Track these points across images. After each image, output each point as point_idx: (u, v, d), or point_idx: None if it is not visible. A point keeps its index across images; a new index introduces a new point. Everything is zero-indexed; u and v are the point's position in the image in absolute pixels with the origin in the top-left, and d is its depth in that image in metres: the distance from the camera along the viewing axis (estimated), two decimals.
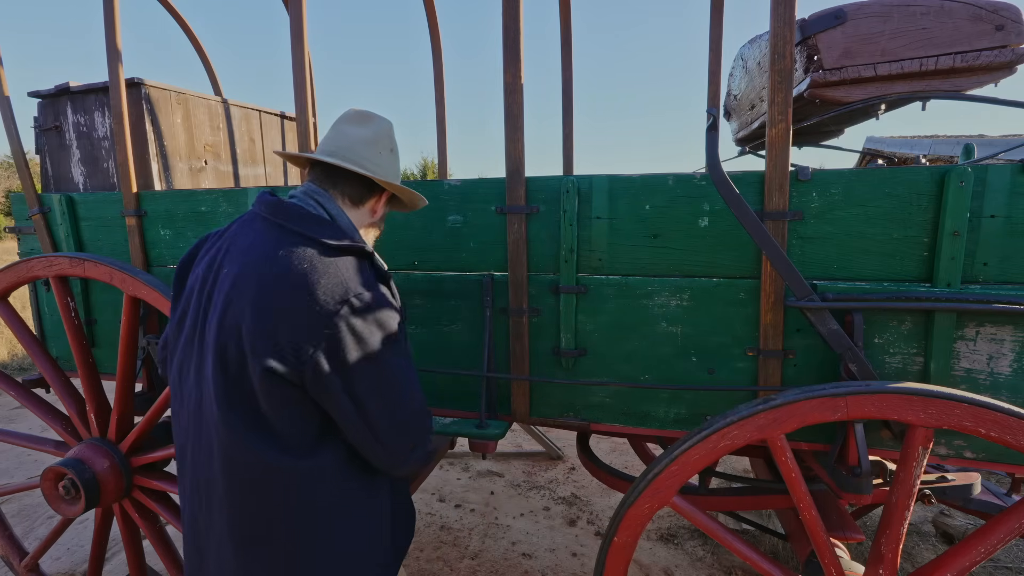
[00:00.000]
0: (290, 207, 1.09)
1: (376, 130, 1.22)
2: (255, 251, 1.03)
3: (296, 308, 0.97)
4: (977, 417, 1.06)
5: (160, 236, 1.94)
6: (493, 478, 3.54)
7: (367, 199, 1.21)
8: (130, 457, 1.87)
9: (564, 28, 2.86)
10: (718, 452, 1.20)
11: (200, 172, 2.52)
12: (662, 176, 1.42)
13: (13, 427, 4.45)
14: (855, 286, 1.33)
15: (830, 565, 1.22)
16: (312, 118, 1.67)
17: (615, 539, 1.30)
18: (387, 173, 1.23)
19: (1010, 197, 1.24)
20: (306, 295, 0.97)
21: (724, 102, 2.32)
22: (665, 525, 2.95)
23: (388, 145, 1.24)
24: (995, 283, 1.28)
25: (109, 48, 1.81)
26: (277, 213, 1.07)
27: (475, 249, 1.59)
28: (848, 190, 1.31)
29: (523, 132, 1.47)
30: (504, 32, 1.42)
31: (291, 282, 0.98)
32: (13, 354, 6.34)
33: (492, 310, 1.57)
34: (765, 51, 1.71)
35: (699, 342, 1.47)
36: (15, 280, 1.87)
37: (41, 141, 2.38)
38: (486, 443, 1.57)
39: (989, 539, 1.12)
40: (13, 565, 2.25)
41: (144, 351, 1.97)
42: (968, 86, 1.40)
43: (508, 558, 2.71)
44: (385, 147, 1.23)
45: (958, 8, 1.34)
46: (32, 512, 3.16)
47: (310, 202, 1.14)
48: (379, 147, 1.21)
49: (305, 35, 1.62)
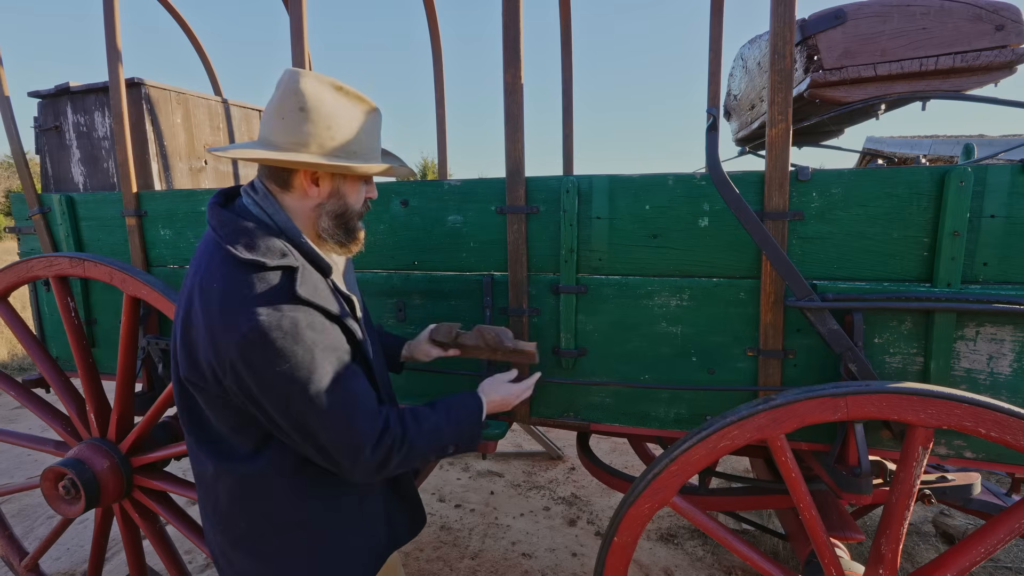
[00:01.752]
0: (221, 212, 1.02)
1: (280, 91, 1.00)
2: (194, 263, 1.05)
3: (207, 328, 0.95)
4: (977, 417, 1.06)
5: (160, 236, 1.94)
6: (493, 478, 3.54)
7: (291, 180, 1.03)
8: (130, 457, 1.87)
9: (564, 28, 2.86)
10: (718, 452, 1.20)
11: (200, 172, 2.52)
12: (662, 176, 1.42)
13: (13, 427, 4.45)
14: (855, 286, 1.33)
15: (830, 565, 1.22)
16: None
17: (615, 539, 1.30)
18: (284, 143, 1.00)
19: (1010, 197, 1.24)
20: (212, 317, 0.94)
21: (724, 102, 2.32)
22: (665, 525, 2.95)
23: (295, 104, 0.99)
24: (995, 283, 1.28)
25: (109, 48, 1.81)
26: (212, 218, 1.03)
27: (475, 249, 1.59)
28: (848, 190, 1.31)
29: (523, 132, 1.47)
30: (504, 32, 1.42)
31: (202, 301, 0.96)
32: (13, 354, 6.34)
33: (492, 310, 1.58)
34: (765, 51, 1.71)
35: (699, 342, 1.47)
36: (15, 280, 1.87)
37: (41, 141, 2.38)
38: (486, 443, 1.57)
39: (989, 539, 1.12)
40: (13, 565, 2.25)
41: (144, 351, 1.97)
42: (968, 86, 1.40)
43: (508, 558, 2.71)
44: (291, 108, 0.99)
45: (958, 8, 1.34)
46: (32, 512, 3.16)
47: (248, 200, 1.05)
48: (283, 111, 1.00)
49: (305, 35, 1.62)
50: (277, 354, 0.92)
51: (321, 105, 1.01)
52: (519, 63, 1.43)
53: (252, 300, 0.93)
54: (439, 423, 1.14)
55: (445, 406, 1.19)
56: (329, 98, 1.02)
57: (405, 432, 1.07)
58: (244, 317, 0.91)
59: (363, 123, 1.06)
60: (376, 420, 1.03)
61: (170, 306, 1.67)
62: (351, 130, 1.04)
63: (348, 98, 1.05)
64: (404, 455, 1.06)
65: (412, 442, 1.07)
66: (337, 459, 1.01)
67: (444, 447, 1.15)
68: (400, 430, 1.06)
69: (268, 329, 0.91)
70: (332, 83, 1.03)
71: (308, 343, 0.95)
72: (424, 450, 1.10)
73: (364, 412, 1.02)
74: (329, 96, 1.02)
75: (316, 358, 0.96)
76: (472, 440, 1.20)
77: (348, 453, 1.00)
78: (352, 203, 1.10)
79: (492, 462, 3.78)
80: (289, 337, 0.93)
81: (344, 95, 1.04)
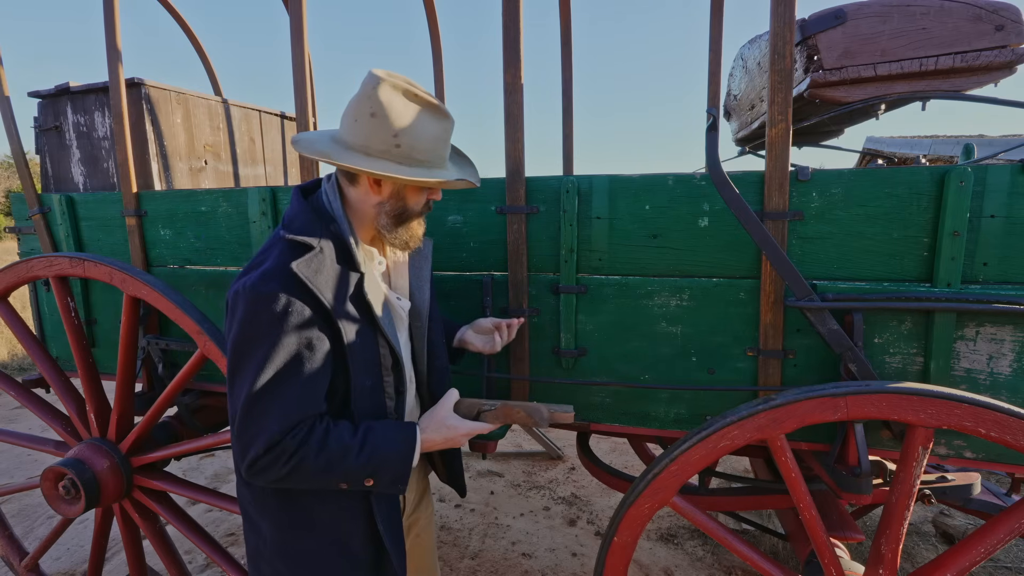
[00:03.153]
0: (296, 198, 1.17)
1: (359, 93, 1.07)
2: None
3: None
4: (977, 417, 1.06)
5: (160, 236, 1.94)
6: (493, 478, 3.54)
7: (358, 177, 1.12)
8: (130, 457, 1.87)
9: (564, 27, 2.86)
10: (718, 452, 1.20)
11: (200, 172, 2.52)
12: (662, 176, 1.42)
13: (13, 427, 4.45)
14: (855, 286, 1.33)
15: (830, 565, 1.22)
16: (312, 118, 1.67)
17: (615, 539, 1.30)
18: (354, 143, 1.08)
19: (1010, 197, 1.24)
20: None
21: (724, 102, 2.32)
22: (665, 525, 2.95)
23: (365, 109, 1.06)
24: (995, 283, 1.28)
25: (109, 48, 1.81)
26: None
27: (475, 249, 1.59)
28: (848, 190, 1.31)
29: (523, 132, 1.47)
30: (504, 32, 1.42)
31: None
32: (13, 354, 6.34)
33: (492, 310, 1.57)
34: (765, 51, 1.71)
35: (699, 342, 1.47)
36: (15, 280, 1.87)
37: (41, 141, 2.38)
38: (486, 443, 1.57)
39: (989, 539, 1.12)
40: (13, 565, 2.25)
41: (144, 351, 1.97)
42: (968, 86, 1.40)
43: (508, 558, 2.71)
44: (363, 112, 1.06)
45: (958, 8, 1.34)
46: (32, 512, 3.16)
47: (325, 186, 1.17)
48: (357, 113, 1.07)
49: (305, 35, 1.62)
50: (247, 318, 1.00)
51: (391, 112, 1.05)
52: (519, 63, 1.43)
53: (260, 267, 1.04)
54: (349, 448, 1.04)
55: (365, 432, 1.08)
56: (400, 106, 1.06)
57: (302, 446, 1.01)
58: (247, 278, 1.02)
59: (430, 131, 1.09)
60: (282, 423, 1.00)
61: (170, 306, 1.67)
62: (417, 138, 1.08)
63: (420, 106, 1.08)
64: (291, 468, 1.00)
65: (302, 458, 1.01)
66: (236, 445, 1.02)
67: (350, 474, 1.05)
68: (294, 444, 1.00)
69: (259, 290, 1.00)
70: (407, 90, 1.06)
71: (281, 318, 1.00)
72: (317, 471, 1.02)
73: (278, 407, 1.00)
74: (400, 103, 1.06)
75: (275, 336, 1.00)
76: (394, 478, 1.07)
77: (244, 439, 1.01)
78: (411, 205, 1.15)
79: (492, 462, 3.78)
80: (268, 306, 0.99)
81: (417, 103, 1.08)
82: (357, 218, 1.16)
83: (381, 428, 1.10)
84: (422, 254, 1.31)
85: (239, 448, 1.02)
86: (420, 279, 1.30)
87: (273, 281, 1.00)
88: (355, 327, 1.09)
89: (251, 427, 1.00)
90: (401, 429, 1.12)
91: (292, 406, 1.01)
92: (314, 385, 1.04)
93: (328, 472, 1.03)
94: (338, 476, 1.04)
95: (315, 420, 1.05)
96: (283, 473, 1.01)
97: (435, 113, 1.10)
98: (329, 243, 1.08)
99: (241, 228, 1.82)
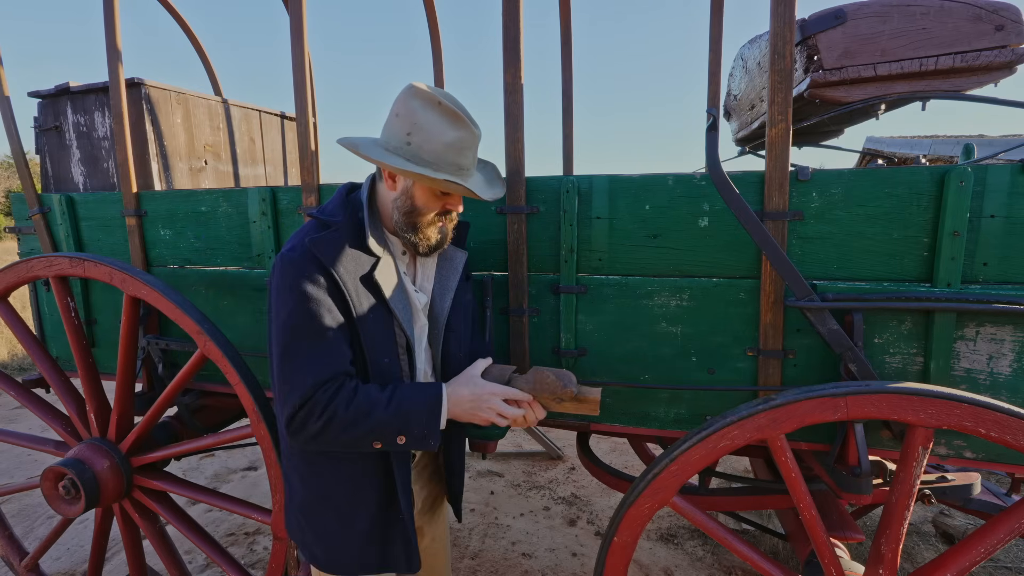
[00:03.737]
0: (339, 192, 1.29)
1: (396, 97, 1.20)
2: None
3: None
4: (977, 417, 1.06)
5: (160, 236, 1.94)
6: (493, 478, 3.54)
7: (383, 172, 1.22)
8: (130, 457, 1.87)
9: (564, 27, 2.86)
10: (718, 452, 1.20)
11: (200, 172, 2.52)
12: (662, 176, 1.42)
13: (13, 427, 4.45)
14: (855, 286, 1.33)
15: (830, 565, 1.22)
16: (312, 118, 1.67)
17: (615, 539, 1.30)
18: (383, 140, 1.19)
19: (1010, 197, 1.24)
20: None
21: (724, 102, 2.32)
22: (665, 525, 2.95)
23: (395, 110, 1.18)
24: (995, 283, 1.28)
25: (109, 48, 1.81)
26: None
27: (475, 249, 1.59)
28: (848, 190, 1.31)
29: (523, 132, 1.47)
30: (504, 32, 1.42)
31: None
32: (13, 354, 6.34)
33: (492, 310, 1.58)
34: (765, 51, 1.71)
35: (699, 342, 1.47)
36: (15, 280, 1.87)
37: (41, 141, 2.38)
38: (486, 443, 1.57)
39: (989, 539, 1.12)
40: (13, 565, 2.25)
41: (144, 351, 1.97)
42: (968, 86, 1.40)
43: (508, 558, 2.71)
44: (392, 113, 1.19)
45: (958, 8, 1.34)
46: (32, 512, 3.17)
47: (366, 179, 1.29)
48: (390, 113, 1.19)
49: (305, 35, 1.62)
50: (278, 287, 1.12)
51: (411, 115, 1.14)
52: (519, 63, 1.43)
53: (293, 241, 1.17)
54: (377, 401, 1.10)
55: (392, 389, 1.14)
56: (421, 110, 1.14)
57: (332, 400, 1.08)
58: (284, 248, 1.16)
59: (444, 137, 1.15)
60: (313, 379, 1.08)
61: (170, 306, 1.67)
62: (428, 139, 1.14)
63: (442, 114, 1.14)
64: (325, 421, 1.07)
65: (335, 412, 1.08)
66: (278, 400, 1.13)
67: (381, 428, 1.09)
68: (325, 398, 1.08)
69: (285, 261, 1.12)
70: (434, 99, 1.14)
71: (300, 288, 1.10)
72: (348, 424, 1.08)
73: (307, 367, 1.09)
74: (422, 108, 1.14)
75: (296, 304, 1.10)
76: (424, 432, 1.11)
77: (282, 396, 1.11)
78: (419, 205, 1.20)
79: (492, 462, 3.78)
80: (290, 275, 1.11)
81: (439, 111, 1.14)
82: (382, 210, 1.25)
83: (408, 385, 1.18)
84: (451, 264, 1.34)
85: (279, 409, 1.13)
86: (444, 287, 1.33)
87: (295, 252, 1.12)
88: (367, 303, 1.16)
89: (284, 385, 1.10)
90: (428, 385, 1.19)
91: (318, 363, 1.09)
92: (337, 344, 1.12)
93: (359, 425, 1.09)
94: (369, 431, 1.10)
95: (344, 378, 1.12)
96: (317, 427, 1.08)
97: (455, 121, 1.15)
98: (350, 226, 1.18)
99: (241, 228, 1.83)
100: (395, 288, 1.22)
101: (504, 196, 1.52)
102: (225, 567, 1.88)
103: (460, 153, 1.17)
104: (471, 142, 1.18)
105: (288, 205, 1.75)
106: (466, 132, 1.16)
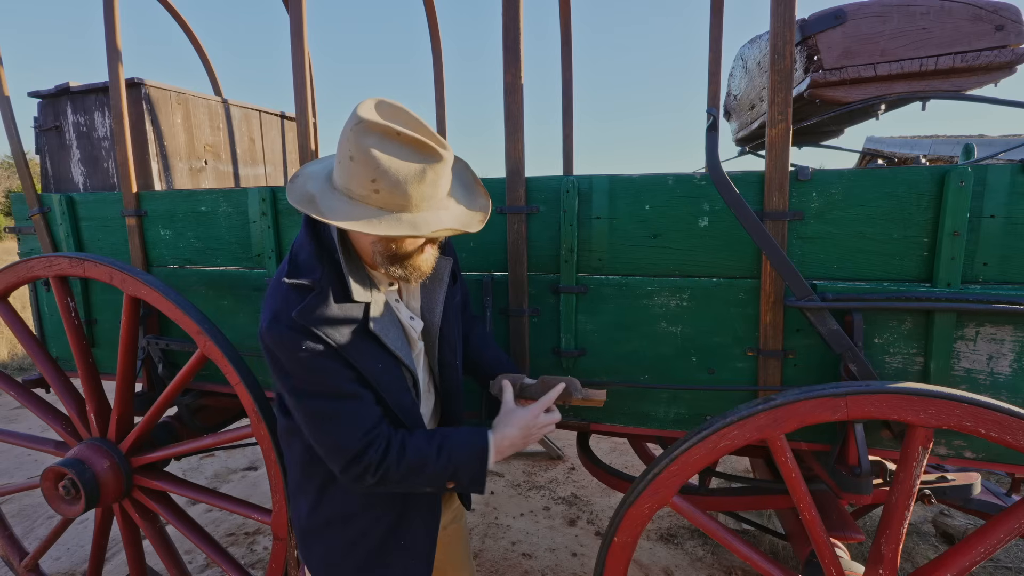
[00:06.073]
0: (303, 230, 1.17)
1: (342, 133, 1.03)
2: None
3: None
4: (977, 417, 1.06)
5: (160, 236, 1.94)
6: (493, 478, 3.54)
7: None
8: (130, 457, 1.87)
9: (564, 28, 2.86)
10: (718, 452, 1.20)
11: (200, 172, 2.52)
12: (662, 176, 1.42)
13: (13, 427, 4.45)
14: (855, 286, 1.33)
15: (830, 565, 1.22)
16: (312, 118, 1.67)
17: (615, 539, 1.30)
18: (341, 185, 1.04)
19: (1010, 197, 1.24)
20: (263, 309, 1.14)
21: (724, 102, 2.32)
22: (665, 525, 2.95)
23: (347, 151, 1.01)
24: (995, 283, 1.28)
25: (109, 48, 1.81)
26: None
27: (475, 249, 1.59)
28: (848, 190, 1.31)
29: (523, 132, 1.47)
30: (504, 32, 1.42)
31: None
32: (13, 354, 6.34)
33: (492, 310, 1.58)
34: (765, 51, 1.71)
35: (699, 342, 1.47)
36: (15, 280, 1.87)
37: (41, 141, 2.38)
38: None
39: (989, 539, 1.12)
40: (13, 565, 2.25)
41: (144, 351, 1.97)
42: (968, 86, 1.40)
43: (508, 558, 2.71)
44: (344, 154, 1.02)
45: (958, 8, 1.34)
46: (32, 512, 3.17)
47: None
48: (341, 155, 1.03)
49: (305, 35, 1.62)
50: (275, 361, 1.09)
51: (371, 159, 0.98)
52: (519, 64, 1.43)
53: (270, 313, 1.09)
54: (427, 457, 1.11)
55: (440, 440, 1.14)
56: (379, 148, 0.98)
57: (384, 458, 1.09)
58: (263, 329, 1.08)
59: (413, 173, 1.00)
60: (358, 439, 1.08)
61: (170, 306, 1.67)
62: (397, 182, 1.00)
63: (404, 145, 1.00)
64: (380, 478, 1.09)
65: (388, 469, 1.09)
66: (325, 458, 1.13)
67: (433, 479, 1.13)
68: (377, 456, 1.08)
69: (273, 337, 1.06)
70: (391, 130, 0.98)
71: (302, 359, 1.05)
72: (401, 479, 1.11)
73: (346, 428, 1.08)
74: (379, 146, 0.98)
75: (306, 374, 1.07)
76: (473, 479, 1.15)
77: (330, 458, 1.11)
78: (399, 250, 1.09)
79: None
80: (286, 350, 1.06)
81: (400, 142, 0.99)
82: (359, 248, 1.14)
83: (455, 433, 1.17)
84: (436, 275, 1.28)
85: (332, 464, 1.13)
86: (432, 301, 1.28)
87: (282, 327, 1.05)
88: (369, 356, 1.12)
89: (327, 444, 1.10)
90: (475, 433, 1.18)
91: (353, 419, 1.09)
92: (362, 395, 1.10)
93: (411, 480, 1.12)
94: (422, 481, 1.13)
95: (386, 430, 1.11)
96: (373, 482, 1.10)
97: (421, 151, 1.01)
98: (330, 279, 1.09)
99: (241, 228, 1.83)
100: (391, 327, 1.17)
101: (504, 196, 1.52)
102: (225, 567, 1.88)
103: (434, 185, 1.04)
104: (443, 168, 1.04)
105: (288, 205, 1.75)
106: (435, 159, 1.02)
